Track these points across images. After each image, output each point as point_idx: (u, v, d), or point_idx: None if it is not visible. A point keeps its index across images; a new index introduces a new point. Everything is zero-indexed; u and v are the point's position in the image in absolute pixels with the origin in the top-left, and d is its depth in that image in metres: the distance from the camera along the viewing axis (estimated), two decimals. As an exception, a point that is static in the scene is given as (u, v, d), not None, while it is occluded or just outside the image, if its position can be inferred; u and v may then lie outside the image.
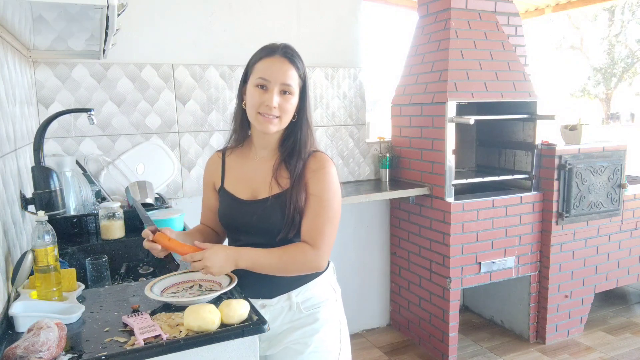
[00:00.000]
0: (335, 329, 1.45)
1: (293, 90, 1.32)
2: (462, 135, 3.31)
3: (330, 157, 1.39)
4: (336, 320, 1.46)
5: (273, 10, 2.84)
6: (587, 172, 2.99)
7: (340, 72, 3.09)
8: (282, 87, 1.31)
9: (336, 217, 1.35)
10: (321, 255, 1.32)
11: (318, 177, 1.33)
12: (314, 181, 1.33)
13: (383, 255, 3.36)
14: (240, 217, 1.40)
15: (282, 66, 1.31)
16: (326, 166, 1.35)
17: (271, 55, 1.33)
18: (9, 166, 1.47)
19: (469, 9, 2.88)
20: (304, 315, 1.40)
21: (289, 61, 1.32)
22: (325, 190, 1.33)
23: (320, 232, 1.32)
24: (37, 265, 1.22)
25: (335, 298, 1.46)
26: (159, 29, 2.58)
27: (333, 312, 1.44)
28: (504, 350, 3.03)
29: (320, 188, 1.33)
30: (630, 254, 3.32)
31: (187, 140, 2.70)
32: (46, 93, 2.37)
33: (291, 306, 1.39)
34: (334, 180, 1.35)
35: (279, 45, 1.35)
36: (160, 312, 1.20)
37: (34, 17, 1.34)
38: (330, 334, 1.43)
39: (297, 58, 1.34)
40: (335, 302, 1.46)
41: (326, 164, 1.35)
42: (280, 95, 1.31)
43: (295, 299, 1.39)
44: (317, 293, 1.41)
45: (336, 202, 1.35)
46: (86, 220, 2.07)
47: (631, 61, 19.18)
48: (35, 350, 0.92)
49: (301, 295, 1.39)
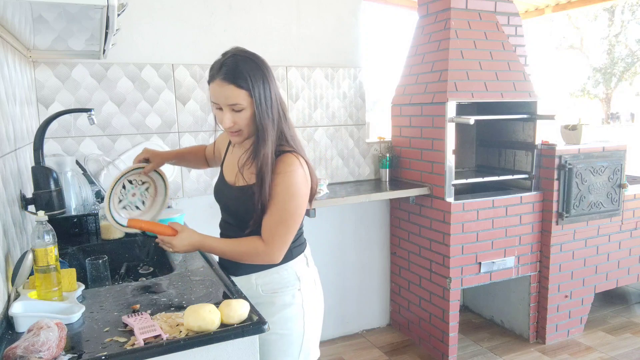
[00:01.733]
0: (296, 315, 1.52)
1: (241, 106, 1.35)
2: (462, 135, 3.31)
3: (300, 160, 1.42)
4: (297, 307, 1.52)
5: (273, 10, 2.85)
6: (587, 172, 2.99)
7: (340, 72, 3.09)
8: (230, 107, 1.36)
9: (290, 219, 1.42)
10: (271, 251, 1.42)
11: (278, 180, 1.40)
12: (275, 183, 1.40)
13: (383, 255, 3.36)
14: (221, 195, 1.57)
15: (223, 90, 1.34)
16: (289, 170, 1.40)
17: (213, 80, 1.37)
18: (9, 166, 1.47)
19: (469, 9, 2.88)
20: (262, 297, 1.50)
21: (229, 82, 1.33)
22: (282, 192, 1.40)
23: (271, 232, 1.41)
24: (37, 265, 1.22)
25: (298, 287, 1.52)
26: (159, 29, 2.58)
27: (293, 299, 1.51)
28: (504, 350, 3.03)
29: (278, 191, 1.40)
30: (630, 254, 3.31)
31: (187, 140, 2.70)
32: (46, 93, 2.37)
33: (251, 286, 1.51)
34: (292, 183, 1.40)
35: (219, 65, 1.36)
36: (160, 312, 1.20)
37: (34, 17, 1.34)
38: (287, 318, 1.51)
39: (238, 75, 1.33)
40: (297, 291, 1.52)
41: (289, 168, 1.40)
42: (231, 112, 1.37)
43: (255, 281, 1.51)
44: (278, 279, 1.50)
45: (292, 204, 1.41)
46: (86, 220, 2.07)
47: (631, 61, 19.18)
48: (35, 350, 0.92)
49: (261, 279, 1.51)
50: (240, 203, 1.47)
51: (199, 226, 1.87)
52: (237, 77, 1.33)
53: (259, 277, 1.51)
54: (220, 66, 1.36)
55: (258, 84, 1.35)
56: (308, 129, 3.03)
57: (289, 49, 2.92)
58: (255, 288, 1.51)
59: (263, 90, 1.36)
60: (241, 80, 1.33)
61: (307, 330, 1.54)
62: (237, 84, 1.33)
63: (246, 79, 1.33)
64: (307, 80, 2.99)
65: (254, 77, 1.35)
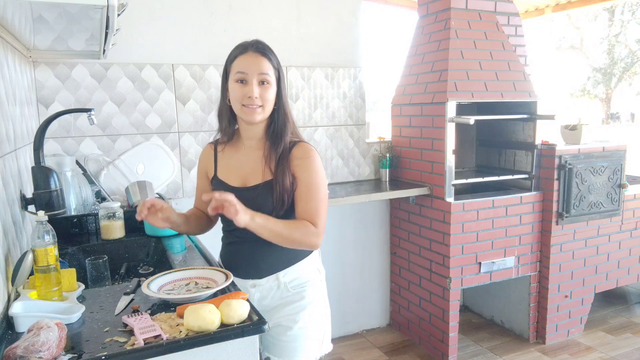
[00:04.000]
0: (321, 306, 1.58)
1: (270, 79, 1.44)
2: (462, 135, 3.31)
3: (314, 147, 1.50)
4: (321, 299, 1.59)
5: (273, 10, 2.85)
6: (587, 172, 2.99)
7: (340, 72, 3.09)
8: (260, 78, 1.42)
9: (326, 199, 1.47)
10: (320, 232, 1.44)
11: (305, 165, 1.45)
12: (301, 169, 1.45)
13: (383, 255, 3.36)
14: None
15: (257, 60, 1.43)
16: (311, 155, 1.47)
17: (245, 52, 1.44)
18: (9, 166, 1.47)
19: (469, 9, 2.88)
20: (291, 293, 1.53)
21: (262, 54, 1.43)
22: (313, 176, 1.45)
23: (316, 213, 1.43)
24: (37, 265, 1.22)
25: (320, 278, 1.59)
26: (159, 29, 2.58)
27: (318, 291, 1.57)
28: (504, 350, 3.03)
29: (308, 175, 1.44)
30: (630, 254, 3.31)
31: (187, 140, 2.70)
32: (46, 93, 2.37)
33: (279, 285, 1.52)
34: (319, 168, 1.47)
35: (251, 42, 1.46)
36: (160, 312, 1.20)
37: (34, 17, 1.34)
38: (316, 311, 1.55)
39: (269, 51, 1.46)
40: (320, 282, 1.59)
41: (311, 153, 1.47)
42: (259, 86, 1.43)
43: (283, 279, 1.52)
44: (303, 274, 1.54)
45: (323, 186, 1.47)
46: (86, 220, 2.07)
47: (631, 61, 19.17)
48: (35, 350, 0.92)
49: (288, 276, 1.52)
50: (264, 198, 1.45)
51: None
52: (269, 53, 1.45)
53: (285, 274, 1.52)
54: (253, 43, 1.45)
55: (281, 67, 1.48)
56: (308, 129, 3.03)
57: (289, 49, 2.92)
58: (283, 286, 1.52)
59: (284, 75, 1.49)
60: (272, 57, 1.45)
61: (329, 323, 1.62)
62: (269, 58, 1.44)
63: (275, 58, 1.46)
64: (307, 80, 2.99)
65: (278, 60, 1.48)
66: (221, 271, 1.42)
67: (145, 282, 1.33)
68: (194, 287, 1.36)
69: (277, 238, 1.40)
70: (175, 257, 1.74)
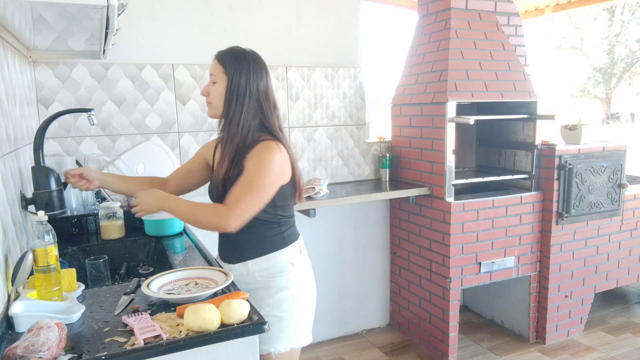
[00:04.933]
0: (290, 298, 1.60)
1: (215, 79, 1.56)
2: (462, 135, 3.31)
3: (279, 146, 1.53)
4: (291, 290, 1.60)
5: (273, 10, 2.84)
6: (587, 172, 2.99)
7: (340, 72, 3.09)
8: (210, 78, 1.58)
9: (257, 191, 1.48)
10: (230, 214, 1.44)
11: (253, 160, 1.50)
12: (249, 163, 1.50)
13: (383, 255, 3.36)
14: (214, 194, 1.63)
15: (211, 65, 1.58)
16: (263, 152, 1.50)
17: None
18: (9, 166, 1.47)
19: (469, 9, 2.88)
20: (259, 282, 1.59)
21: (215, 58, 1.58)
22: (254, 168, 1.49)
23: (237, 198, 1.46)
24: (37, 265, 1.22)
25: (293, 272, 1.61)
26: (159, 29, 2.58)
27: (288, 284, 1.59)
28: (504, 350, 3.03)
29: (251, 166, 1.49)
30: (630, 254, 3.31)
31: (187, 140, 2.70)
32: (46, 93, 2.37)
33: (248, 272, 1.60)
34: (266, 161, 1.49)
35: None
36: (160, 312, 1.20)
37: (34, 17, 1.34)
38: (282, 301, 1.59)
39: (224, 54, 1.56)
40: (293, 276, 1.61)
41: (264, 151, 1.50)
42: (210, 84, 1.57)
43: (252, 267, 1.59)
44: (273, 265, 1.59)
45: (262, 180, 1.48)
46: (86, 220, 2.08)
47: (631, 61, 19.16)
48: (35, 350, 0.92)
49: (257, 265, 1.59)
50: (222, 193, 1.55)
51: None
52: (221, 56, 1.57)
53: (255, 263, 1.59)
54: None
55: (237, 67, 1.53)
56: (308, 129, 3.03)
57: (289, 49, 2.92)
58: (252, 274, 1.59)
59: (239, 75, 1.53)
60: (223, 59, 1.55)
61: (300, 314, 1.62)
62: (219, 60, 1.56)
63: (227, 60, 1.55)
64: (307, 80, 2.99)
65: (235, 61, 1.54)
66: (221, 271, 1.43)
67: (145, 282, 1.33)
68: (194, 287, 1.37)
69: (186, 220, 1.53)
70: (175, 257, 1.74)
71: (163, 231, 1.99)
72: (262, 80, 1.56)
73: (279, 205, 1.57)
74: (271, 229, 1.59)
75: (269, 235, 1.59)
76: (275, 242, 1.60)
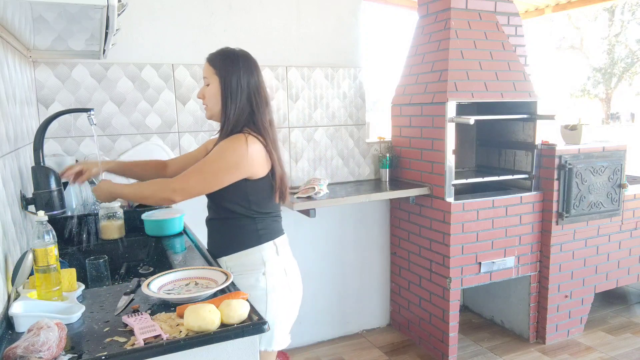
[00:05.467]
0: (258, 299, 1.59)
1: (208, 81, 1.62)
2: (462, 135, 3.31)
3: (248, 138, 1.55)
4: (260, 290, 1.61)
5: (273, 10, 2.84)
6: (587, 172, 2.99)
7: (340, 72, 3.09)
8: (204, 81, 1.64)
9: (208, 172, 1.53)
10: (172, 186, 1.52)
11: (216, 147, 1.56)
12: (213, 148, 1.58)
13: (383, 255, 3.36)
14: None
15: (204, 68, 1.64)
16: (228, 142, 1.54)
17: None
18: (9, 166, 1.47)
19: (469, 9, 2.88)
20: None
21: (206, 60, 1.63)
22: (213, 152, 1.55)
23: (185, 174, 1.54)
24: (37, 265, 1.22)
25: (262, 271, 1.62)
26: (159, 29, 2.58)
27: (256, 283, 1.60)
28: (504, 350, 3.03)
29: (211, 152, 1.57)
30: (630, 254, 3.31)
31: (187, 140, 2.70)
32: (46, 93, 2.37)
33: (225, 267, 1.63)
34: (226, 147, 1.53)
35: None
36: (160, 312, 1.20)
37: (34, 17, 1.34)
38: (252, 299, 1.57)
39: (215, 56, 1.62)
40: (261, 275, 1.61)
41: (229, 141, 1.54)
42: (204, 87, 1.64)
43: (226, 263, 1.64)
44: (244, 262, 1.62)
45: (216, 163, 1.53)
46: (86, 220, 2.07)
47: (631, 61, 19.16)
48: (35, 350, 0.92)
49: (231, 262, 1.63)
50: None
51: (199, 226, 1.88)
52: (212, 58, 1.62)
53: (229, 259, 1.63)
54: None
55: (227, 68, 1.58)
56: (308, 129, 3.03)
57: (289, 49, 2.92)
58: (227, 268, 1.62)
59: (230, 74, 1.58)
60: (214, 61, 1.61)
61: (269, 316, 1.60)
62: (210, 62, 1.62)
63: (218, 61, 1.60)
64: (307, 80, 2.99)
65: (225, 62, 1.59)
66: (221, 271, 1.43)
67: (145, 282, 1.33)
68: (194, 287, 1.37)
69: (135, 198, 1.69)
70: (175, 257, 1.74)
71: (163, 231, 1.99)
72: (252, 77, 1.60)
73: (252, 199, 1.59)
74: (245, 225, 1.61)
75: (243, 231, 1.62)
76: (248, 239, 1.62)
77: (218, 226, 1.66)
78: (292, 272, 1.70)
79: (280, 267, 1.65)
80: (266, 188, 1.61)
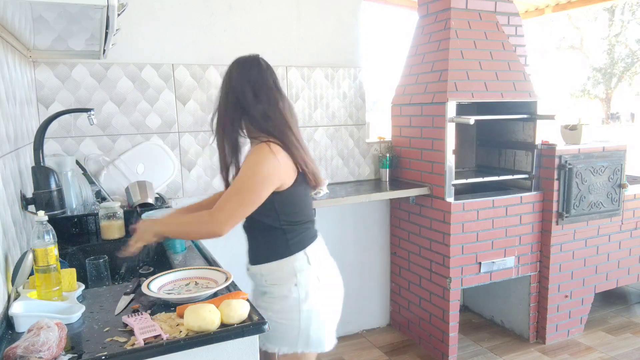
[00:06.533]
0: (291, 308, 1.59)
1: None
2: (462, 135, 3.31)
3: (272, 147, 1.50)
4: (293, 300, 1.59)
5: (273, 10, 2.84)
6: (587, 172, 2.99)
7: (340, 72, 3.09)
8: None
9: (246, 193, 1.48)
10: (216, 220, 1.46)
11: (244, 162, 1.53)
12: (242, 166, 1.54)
13: (383, 255, 3.36)
14: None
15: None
16: (252, 154, 1.52)
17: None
18: (9, 166, 1.47)
19: (469, 9, 2.88)
20: (266, 287, 1.63)
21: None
22: (243, 170, 1.51)
23: (222, 203, 1.47)
24: (37, 265, 1.22)
25: (294, 282, 1.59)
26: (159, 29, 2.58)
27: (288, 294, 1.59)
28: (504, 350, 3.03)
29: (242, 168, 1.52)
30: (630, 254, 3.31)
31: (187, 140, 2.70)
32: (46, 93, 2.37)
33: (258, 276, 1.65)
34: (255, 161, 1.49)
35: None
36: (160, 312, 1.20)
37: (34, 17, 1.34)
38: (284, 310, 1.60)
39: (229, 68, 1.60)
40: (293, 286, 1.59)
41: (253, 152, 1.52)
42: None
43: (260, 272, 1.63)
44: (277, 273, 1.60)
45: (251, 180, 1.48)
46: (86, 220, 2.07)
47: (631, 61, 19.16)
48: (36, 350, 0.92)
49: (265, 270, 1.62)
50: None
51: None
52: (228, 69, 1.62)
53: (263, 268, 1.62)
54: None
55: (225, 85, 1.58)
56: (308, 129, 3.03)
57: (289, 49, 2.92)
58: (261, 278, 1.63)
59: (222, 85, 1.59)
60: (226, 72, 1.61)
61: (303, 324, 1.60)
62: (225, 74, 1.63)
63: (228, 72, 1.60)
64: (307, 80, 2.99)
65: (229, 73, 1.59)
66: (221, 271, 1.43)
67: (145, 282, 1.33)
68: (194, 287, 1.37)
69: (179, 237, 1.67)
70: (175, 257, 1.74)
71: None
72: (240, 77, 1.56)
73: (280, 211, 1.55)
74: (276, 237, 1.58)
75: (274, 243, 1.59)
76: (279, 251, 1.59)
77: (251, 235, 1.65)
78: (325, 277, 1.66)
79: (313, 276, 1.62)
80: (295, 196, 1.57)
